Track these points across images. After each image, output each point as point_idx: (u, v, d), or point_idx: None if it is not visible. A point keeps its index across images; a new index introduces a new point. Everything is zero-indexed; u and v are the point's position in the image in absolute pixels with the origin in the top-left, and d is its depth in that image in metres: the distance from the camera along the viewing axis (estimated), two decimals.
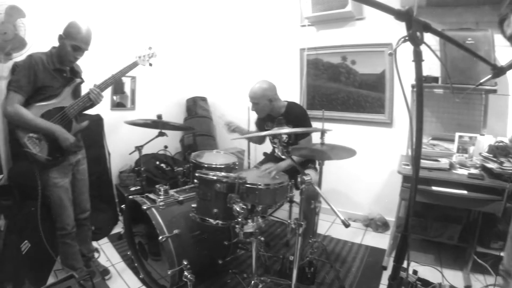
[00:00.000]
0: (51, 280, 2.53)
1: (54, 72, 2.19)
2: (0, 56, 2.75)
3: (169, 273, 2.14)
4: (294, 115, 2.83)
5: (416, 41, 0.94)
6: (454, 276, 2.68)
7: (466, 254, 2.80)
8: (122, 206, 2.65)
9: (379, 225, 3.56)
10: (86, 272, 2.43)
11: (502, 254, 2.52)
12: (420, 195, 2.57)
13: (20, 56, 2.80)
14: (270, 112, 2.87)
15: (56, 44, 2.21)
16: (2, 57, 2.76)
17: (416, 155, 1.04)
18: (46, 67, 2.13)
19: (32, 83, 2.07)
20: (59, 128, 2.13)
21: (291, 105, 2.92)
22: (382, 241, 3.27)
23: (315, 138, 2.64)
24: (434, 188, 2.54)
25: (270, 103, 2.80)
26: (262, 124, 3.04)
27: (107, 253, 3.00)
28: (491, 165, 2.50)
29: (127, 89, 3.98)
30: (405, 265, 1.16)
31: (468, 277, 2.62)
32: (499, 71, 1.57)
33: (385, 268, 2.81)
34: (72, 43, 2.13)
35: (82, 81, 2.40)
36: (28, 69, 2.08)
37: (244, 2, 4.31)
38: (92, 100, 2.27)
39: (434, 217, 2.94)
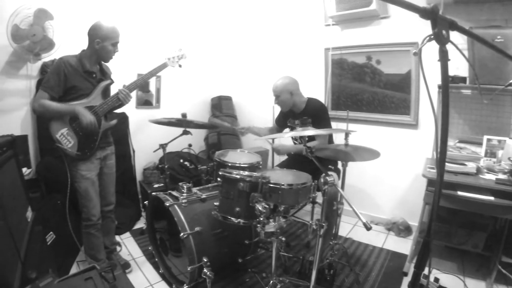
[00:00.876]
0: (73, 270, 2.62)
1: (84, 73, 2.31)
2: (29, 56, 2.88)
3: (188, 269, 2.17)
4: (313, 110, 2.92)
5: (442, 40, 0.92)
6: (476, 286, 2.60)
7: (491, 263, 2.70)
8: (145, 202, 2.69)
9: (401, 229, 3.49)
10: (107, 264, 2.52)
11: None
12: (445, 200, 2.50)
13: (48, 57, 2.93)
14: (292, 107, 2.98)
15: (85, 46, 2.33)
16: (32, 57, 2.89)
17: (441, 158, 1.01)
18: (75, 69, 2.26)
19: (61, 84, 2.21)
20: (79, 108, 2.22)
21: (311, 100, 3.03)
22: (404, 246, 3.20)
23: (340, 138, 2.62)
24: (460, 193, 2.47)
25: (292, 97, 2.93)
26: (283, 121, 3.06)
27: (128, 247, 3.08)
28: None
29: (152, 87, 4.06)
30: (426, 272, 1.13)
31: None
32: None
33: (406, 274, 2.74)
34: (112, 42, 2.30)
35: (112, 82, 2.50)
36: (58, 71, 2.21)
37: (269, 2, 4.31)
38: (121, 100, 2.38)
39: (458, 224, 2.86)
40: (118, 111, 2.72)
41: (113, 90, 2.48)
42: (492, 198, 2.38)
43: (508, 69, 2.62)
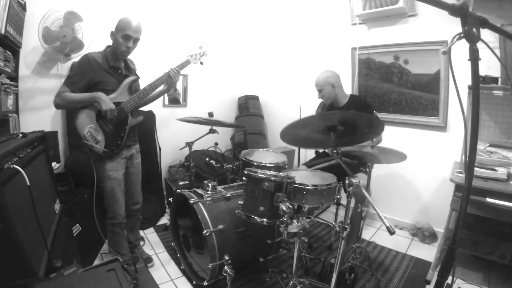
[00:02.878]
0: (97, 262, 2.71)
1: (110, 69, 2.32)
2: (60, 56, 3.01)
3: (209, 266, 2.19)
4: (357, 105, 2.95)
5: (472, 38, 0.90)
6: None
7: None
8: (169, 199, 2.75)
9: (426, 235, 3.40)
10: (130, 257, 2.57)
11: None
12: (473, 206, 2.41)
13: (78, 57, 3.04)
14: (333, 101, 3.01)
15: (110, 43, 2.35)
16: (62, 57, 3.02)
17: (470, 163, 0.99)
18: (100, 65, 2.28)
19: (85, 80, 2.22)
20: (100, 94, 2.21)
21: (353, 97, 3.11)
22: (428, 253, 3.12)
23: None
24: (489, 200, 2.37)
25: (333, 89, 2.97)
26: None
27: (151, 242, 3.15)
28: None
29: (179, 86, 4.14)
30: (449, 281, 1.10)
31: None
32: None
33: (428, 282, 2.66)
34: (122, 33, 2.24)
35: (138, 78, 2.53)
36: (82, 67, 2.25)
37: (295, 2, 4.30)
38: (171, 77, 2.46)
39: (486, 232, 2.75)
40: (144, 109, 2.78)
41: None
42: None
43: None
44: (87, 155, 2.31)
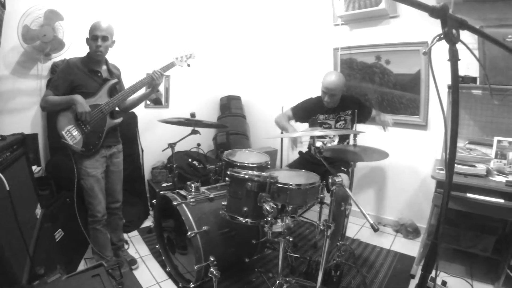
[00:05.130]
0: (81, 267, 2.67)
1: (89, 73, 2.41)
2: (40, 56, 2.94)
3: (195, 268, 2.18)
4: (351, 101, 2.98)
5: (452, 40, 0.91)
6: None
7: (499, 267, 2.65)
8: (153, 201, 2.73)
9: (409, 231, 3.46)
10: (114, 262, 2.55)
11: None
12: (454, 202, 2.47)
13: (58, 57, 2.98)
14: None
15: None
16: (42, 57, 2.94)
17: (450, 160, 1.00)
18: (81, 69, 2.38)
19: (65, 84, 2.33)
20: (77, 96, 2.29)
21: (345, 95, 3.06)
22: (412, 248, 3.18)
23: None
24: (469, 195, 2.43)
25: (341, 94, 2.91)
26: (312, 114, 3.02)
27: (136, 246, 3.11)
28: None
29: (161, 87, 4.08)
30: (433, 274, 1.12)
31: None
32: None
33: (413, 276, 2.73)
34: (91, 35, 2.34)
35: (118, 81, 2.56)
36: (63, 71, 2.38)
37: (277, 2, 4.31)
38: (154, 79, 2.51)
39: (467, 226, 2.81)
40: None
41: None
42: (502, 200, 2.35)
43: None
44: (69, 157, 2.38)
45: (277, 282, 2.21)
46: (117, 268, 2.31)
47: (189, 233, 2.19)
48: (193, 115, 2.93)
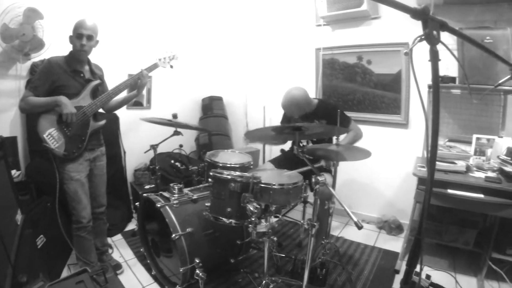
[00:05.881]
0: (65, 274, 2.60)
1: (72, 73, 2.32)
2: (19, 56, 2.84)
3: (181, 270, 2.17)
4: (326, 111, 2.87)
5: (433, 40, 0.93)
6: (468, 282, 2.64)
7: (481, 260, 2.74)
8: (136, 203, 2.69)
9: (393, 227, 3.52)
10: (99, 267, 2.50)
11: None
12: (435, 198, 2.53)
13: (38, 57, 2.90)
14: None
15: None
16: (21, 57, 2.85)
17: (432, 157, 1.02)
18: (63, 69, 2.28)
19: (46, 84, 2.23)
20: (61, 98, 2.21)
21: (322, 102, 2.99)
22: (395, 244, 3.24)
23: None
24: (450, 191, 2.50)
25: (304, 110, 2.80)
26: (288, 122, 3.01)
27: (120, 249, 3.06)
28: (509, 169, 2.46)
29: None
30: (418, 269, 1.14)
31: (482, 284, 2.58)
32: None
33: (397, 272, 2.77)
34: (75, 33, 2.26)
35: (101, 82, 2.49)
36: (45, 72, 2.27)
37: (260, 2, 4.31)
38: (140, 78, 2.47)
39: (449, 221, 2.88)
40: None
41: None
42: (482, 195, 2.42)
43: (496, 70, 2.66)
44: (50, 160, 2.30)
45: (264, 282, 2.20)
46: (101, 273, 2.23)
47: (174, 235, 2.17)
48: (175, 116, 2.91)
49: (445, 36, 0.95)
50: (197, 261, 2.10)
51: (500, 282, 2.60)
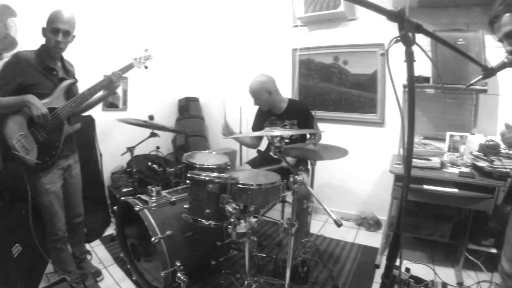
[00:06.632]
0: (43, 283, 2.49)
1: (44, 70, 2.11)
2: None
3: (162, 274, 2.13)
4: (297, 110, 2.93)
5: (408, 42, 0.95)
6: (446, 273, 2.72)
7: (458, 251, 2.84)
8: (114, 207, 2.62)
9: (371, 224, 3.59)
10: (78, 275, 2.40)
11: (493, 251, 2.60)
12: (412, 194, 2.60)
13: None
14: (271, 107, 2.95)
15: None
16: None
17: (408, 154, 1.04)
18: (33, 65, 2.06)
19: (15, 82, 1.99)
20: (30, 97, 1.97)
21: (292, 101, 3.04)
22: (374, 240, 3.30)
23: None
24: (426, 186, 2.57)
25: (270, 96, 2.87)
26: (261, 123, 3.05)
27: (99, 255, 2.97)
28: (481, 164, 2.55)
29: (119, 89, 3.95)
30: (397, 263, 1.16)
31: (460, 274, 2.66)
32: (489, 72, 1.58)
33: (378, 266, 2.83)
34: (50, 27, 2.04)
35: (76, 81, 2.33)
36: (12, 68, 2.02)
37: (237, 3, 4.30)
38: (113, 81, 2.31)
39: (426, 216, 2.96)
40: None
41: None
42: (456, 190, 2.51)
43: (469, 70, 2.75)
44: (21, 167, 2.09)
45: (246, 282, 2.20)
46: (81, 281, 2.16)
47: (153, 238, 2.12)
48: (151, 117, 2.86)
49: (419, 38, 0.97)
50: (178, 264, 2.08)
51: (477, 271, 2.70)
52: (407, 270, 2.37)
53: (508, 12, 1.47)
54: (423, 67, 3.05)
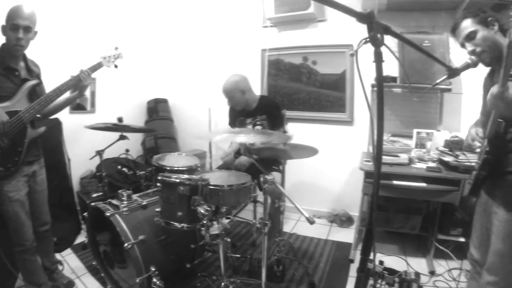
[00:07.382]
0: None
1: (4, 71, 1.99)
2: None
3: (137, 281, 2.07)
4: (266, 107, 2.95)
5: (377, 43, 0.97)
6: (418, 264, 2.84)
7: (428, 242, 2.96)
8: (84, 214, 2.53)
9: (343, 220, 3.67)
10: (50, 287, 2.32)
11: (462, 239, 2.75)
12: (382, 189, 2.67)
13: None
14: (245, 105, 2.94)
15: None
16: None
17: (378, 152, 1.07)
18: None
19: None
20: None
21: (263, 97, 3.09)
22: (347, 235, 3.37)
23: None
24: (395, 182, 2.66)
25: (244, 95, 2.88)
26: (233, 122, 3.07)
27: (71, 265, 2.87)
28: (447, 159, 2.67)
29: (87, 91, 3.82)
30: (371, 256, 1.20)
31: (431, 263, 2.79)
32: (453, 72, 1.66)
33: (352, 261, 2.90)
34: (10, 24, 1.93)
35: (39, 82, 2.21)
36: None
37: (206, 3, 4.28)
38: (82, 80, 2.21)
39: (396, 210, 3.07)
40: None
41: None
42: (424, 184, 2.62)
43: (434, 70, 2.87)
44: None
45: (222, 284, 2.18)
46: None
47: (126, 244, 2.07)
48: (120, 119, 2.81)
49: (387, 39, 1.00)
50: (153, 269, 2.05)
51: (448, 260, 2.85)
52: (381, 262, 2.45)
53: (466, 18, 1.60)
54: (391, 67, 3.15)
